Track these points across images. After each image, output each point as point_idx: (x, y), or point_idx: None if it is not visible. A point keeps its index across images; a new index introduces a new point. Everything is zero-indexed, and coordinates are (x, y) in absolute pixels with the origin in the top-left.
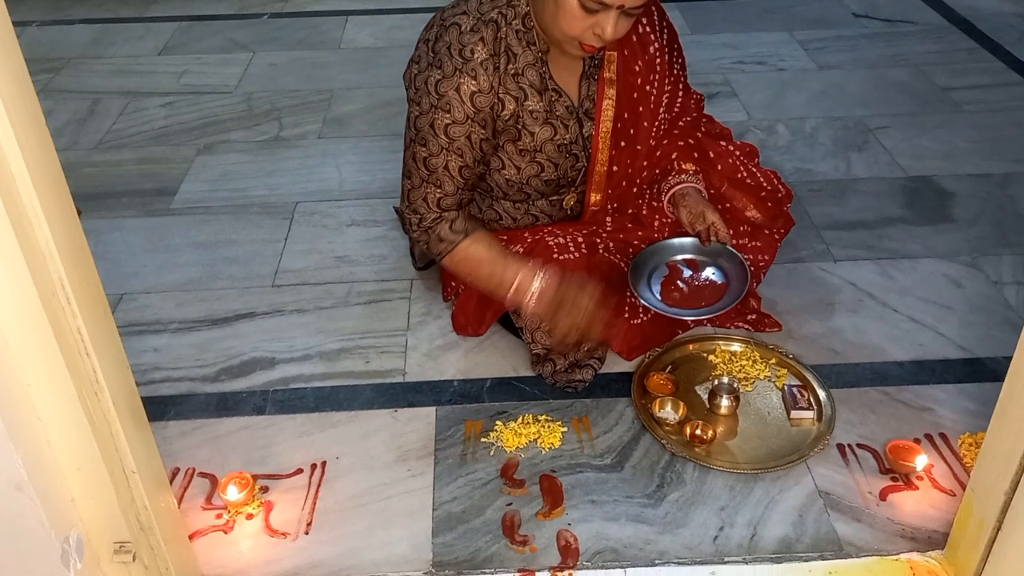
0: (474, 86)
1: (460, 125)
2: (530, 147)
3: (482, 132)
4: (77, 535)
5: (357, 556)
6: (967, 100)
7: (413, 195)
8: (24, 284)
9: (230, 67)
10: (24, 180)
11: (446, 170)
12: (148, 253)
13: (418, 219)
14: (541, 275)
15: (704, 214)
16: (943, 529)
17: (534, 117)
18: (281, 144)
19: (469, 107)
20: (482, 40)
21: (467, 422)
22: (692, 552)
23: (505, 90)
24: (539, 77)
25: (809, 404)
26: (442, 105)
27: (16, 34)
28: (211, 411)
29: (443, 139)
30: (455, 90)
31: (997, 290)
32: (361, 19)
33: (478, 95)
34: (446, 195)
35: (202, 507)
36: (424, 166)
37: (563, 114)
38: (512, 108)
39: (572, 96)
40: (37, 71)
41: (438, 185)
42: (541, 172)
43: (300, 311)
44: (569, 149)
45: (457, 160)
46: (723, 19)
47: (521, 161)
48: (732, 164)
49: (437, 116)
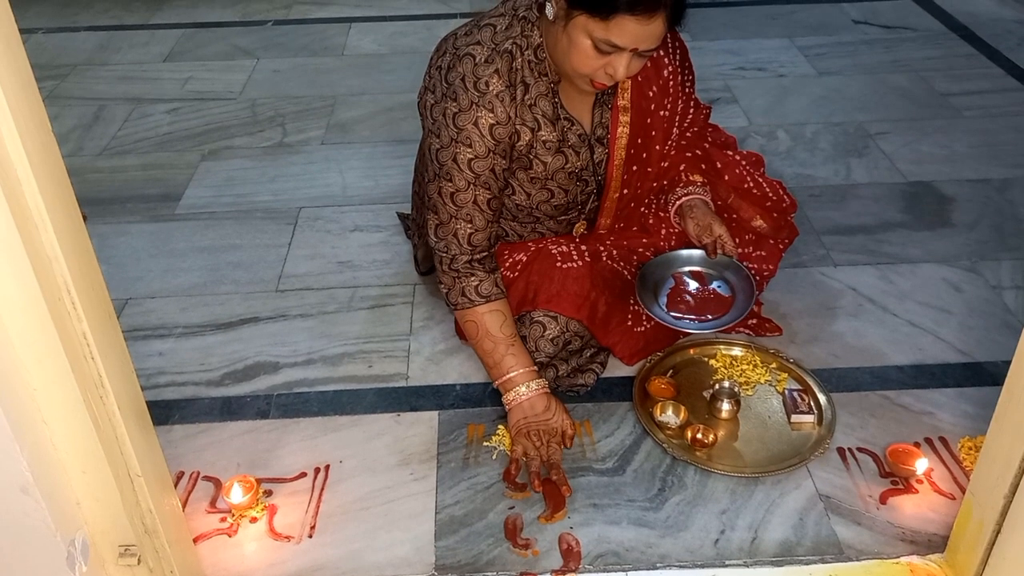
0: (492, 119)
1: (483, 159)
2: (541, 175)
3: (503, 163)
4: (82, 538)
5: (360, 559)
6: (966, 106)
7: (442, 231)
8: (30, 288)
9: (234, 73)
10: (30, 185)
11: (475, 204)
12: (153, 258)
13: (450, 259)
14: (528, 386)
15: (711, 227)
16: (943, 532)
17: (547, 147)
18: (285, 150)
19: (490, 140)
20: (497, 72)
21: (469, 426)
22: (693, 555)
23: (522, 121)
24: (552, 107)
25: (809, 408)
26: (462, 139)
27: (22, 41)
28: (215, 415)
29: (468, 174)
30: (473, 124)
31: (996, 294)
32: (364, 26)
33: (496, 127)
34: (477, 230)
35: (206, 510)
36: (452, 202)
37: (575, 142)
38: (528, 139)
39: (585, 124)
40: (43, 77)
41: (468, 220)
42: (551, 198)
43: (304, 316)
44: (579, 175)
45: (485, 193)
46: (724, 25)
47: (532, 188)
48: (739, 174)
49: (459, 151)
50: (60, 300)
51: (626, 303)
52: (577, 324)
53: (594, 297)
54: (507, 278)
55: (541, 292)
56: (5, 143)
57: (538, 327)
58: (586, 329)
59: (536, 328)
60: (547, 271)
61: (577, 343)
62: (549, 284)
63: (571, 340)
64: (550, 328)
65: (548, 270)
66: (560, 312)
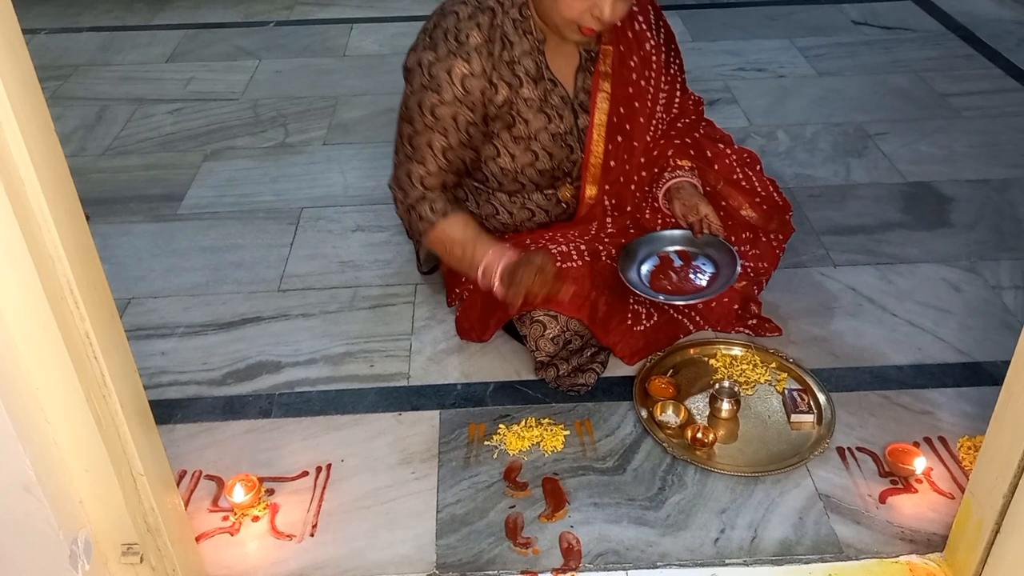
0: (466, 69)
1: (447, 106)
2: (524, 135)
3: (470, 115)
4: (85, 536)
5: (361, 557)
6: (965, 106)
7: (399, 172)
8: (33, 288)
9: (236, 74)
10: (33, 185)
11: (429, 148)
12: (155, 258)
13: (403, 195)
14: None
15: (697, 206)
16: (942, 531)
17: (528, 105)
18: (287, 150)
19: (459, 90)
20: (478, 26)
21: (470, 425)
22: (693, 554)
23: (499, 76)
24: (535, 65)
25: (809, 408)
26: (432, 86)
27: (25, 41)
28: (217, 414)
29: (429, 118)
30: (446, 72)
31: (995, 294)
32: (365, 27)
33: (469, 78)
34: (429, 174)
35: (208, 509)
36: (409, 143)
37: (558, 104)
38: (505, 94)
39: (568, 87)
40: (46, 78)
41: (421, 162)
42: (536, 161)
43: (305, 315)
44: (564, 139)
45: (441, 140)
46: (723, 26)
47: (516, 149)
48: (729, 165)
49: (425, 96)
50: (63, 300)
51: (626, 303)
52: (577, 323)
53: (594, 297)
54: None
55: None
56: (9, 143)
57: (538, 326)
58: (586, 328)
59: (536, 327)
60: (512, 246)
61: (577, 342)
62: None
63: (571, 339)
64: (550, 327)
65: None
66: (560, 311)
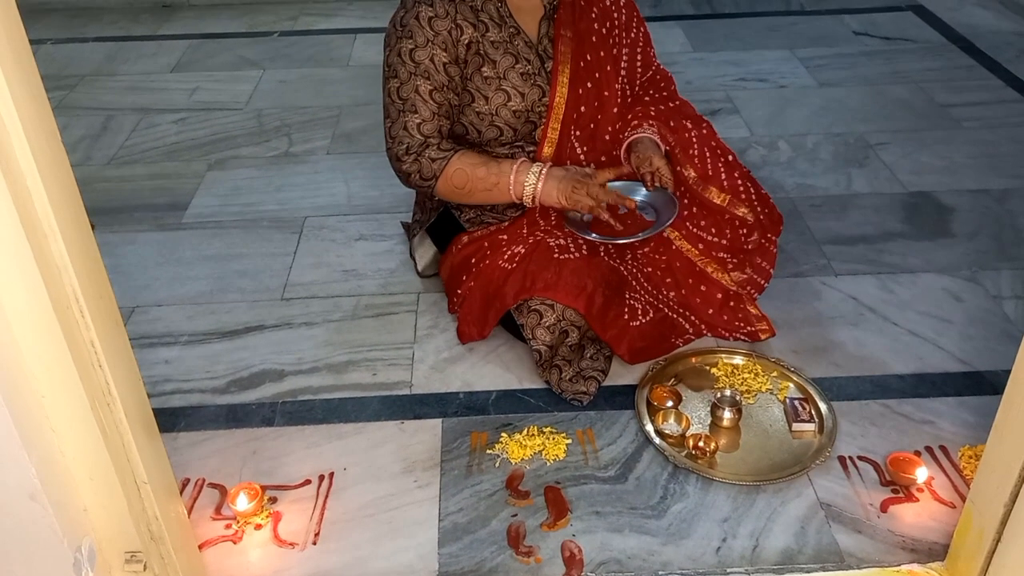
0: (431, 12)
1: (422, 49)
2: (494, 75)
3: (444, 56)
4: (89, 544)
5: (364, 566)
6: (966, 116)
7: (394, 129)
8: (39, 296)
9: (241, 84)
10: (39, 194)
11: (417, 94)
12: (160, 266)
13: (404, 149)
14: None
15: (651, 159)
16: (943, 540)
17: (495, 47)
18: (290, 160)
19: (429, 31)
20: None
21: (473, 434)
22: (695, 563)
23: (463, 17)
24: (497, 12)
25: (811, 416)
26: (405, 34)
27: (32, 51)
28: (221, 422)
29: (410, 64)
30: (415, 18)
31: (996, 304)
32: (369, 37)
33: (435, 20)
34: (424, 120)
35: (212, 517)
36: (398, 96)
37: (522, 48)
38: (470, 33)
39: (531, 35)
40: (52, 88)
41: (414, 111)
42: (508, 101)
43: (309, 324)
44: (534, 80)
45: (426, 84)
46: (725, 37)
47: (488, 90)
48: (687, 138)
49: (402, 44)
50: (69, 308)
51: (622, 297)
52: (574, 313)
53: (591, 288)
54: (505, 270)
55: (538, 280)
56: (15, 153)
57: (535, 315)
58: (583, 319)
59: (533, 316)
60: (544, 262)
61: (575, 335)
62: (546, 273)
63: (568, 330)
64: (547, 316)
65: (545, 261)
66: (557, 300)
